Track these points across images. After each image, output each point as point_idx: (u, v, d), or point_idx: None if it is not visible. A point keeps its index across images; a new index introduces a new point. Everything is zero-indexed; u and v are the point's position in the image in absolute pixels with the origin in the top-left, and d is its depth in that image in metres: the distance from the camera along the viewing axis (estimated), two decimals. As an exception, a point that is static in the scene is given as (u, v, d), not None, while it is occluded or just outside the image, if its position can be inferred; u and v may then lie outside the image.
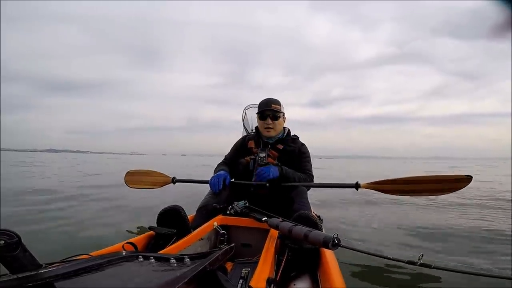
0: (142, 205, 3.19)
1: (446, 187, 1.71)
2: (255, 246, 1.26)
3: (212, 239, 1.24)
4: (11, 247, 0.46)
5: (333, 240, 0.77)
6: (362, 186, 1.80)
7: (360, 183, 1.82)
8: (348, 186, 1.85)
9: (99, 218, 2.66)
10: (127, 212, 2.94)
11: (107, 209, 3.05)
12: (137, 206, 3.18)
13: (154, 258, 0.59)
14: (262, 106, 1.70)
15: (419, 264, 0.78)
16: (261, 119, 1.70)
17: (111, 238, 1.97)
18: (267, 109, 1.67)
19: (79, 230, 2.21)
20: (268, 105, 1.68)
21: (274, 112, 1.67)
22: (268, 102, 1.69)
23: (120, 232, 2.18)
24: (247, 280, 0.89)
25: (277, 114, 1.68)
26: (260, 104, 1.74)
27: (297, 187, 1.54)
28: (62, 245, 1.85)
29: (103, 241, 1.63)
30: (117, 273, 0.52)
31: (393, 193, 1.78)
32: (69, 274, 0.48)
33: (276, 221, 1.06)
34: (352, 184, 1.81)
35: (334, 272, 0.78)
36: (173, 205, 1.21)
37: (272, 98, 1.72)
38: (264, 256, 0.87)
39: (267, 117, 1.67)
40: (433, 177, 1.71)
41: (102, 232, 2.19)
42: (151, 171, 2.17)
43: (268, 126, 1.67)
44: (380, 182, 1.80)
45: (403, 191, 1.74)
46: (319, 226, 1.07)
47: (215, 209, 1.39)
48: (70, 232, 2.15)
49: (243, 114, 2.47)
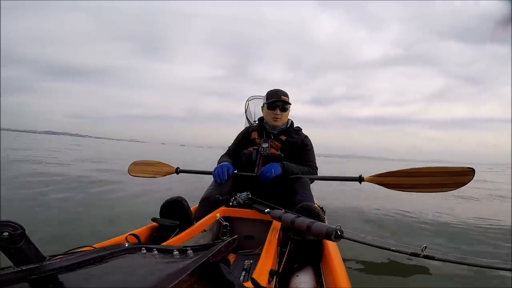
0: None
1: (450, 182, 1.60)
2: (258, 238, 1.27)
3: (215, 231, 1.25)
4: (15, 239, 0.46)
5: (336, 231, 0.76)
6: (366, 180, 1.78)
7: (364, 176, 1.79)
8: (351, 179, 1.85)
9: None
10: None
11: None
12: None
13: (157, 250, 0.59)
14: (272, 96, 1.70)
15: (423, 256, 0.77)
16: (270, 109, 1.69)
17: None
18: (278, 100, 1.67)
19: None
20: (278, 95, 1.68)
21: (284, 103, 1.68)
22: (278, 93, 1.69)
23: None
24: (249, 272, 0.90)
25: (286, 105, 1.69)
26: (269, 94, 1.73)
27: (300, 178, 1.54)
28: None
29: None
30: (120, 265, 0.52)
31: (397, 188, 1.70)
32: (72, 266, 0.48)
33: (278, 212, 1.06)
34: (356, 177, 1.81)
35: (337, 264, 0.78)
36: (176, 196, 1.20)
37: (281, 90, 1.72)
38: (266, 248, 0.87)
39: (276, 108, 1.67)
40: (436, 169, 1.63)
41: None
42: (155, 161, 2.18)
43: (276, 116, 1.68)
44: (383, 174, 1.75)
45: (406, 185, 1.67)
46: (321, 218, 1.07)
47: (218, 200, 1.40)
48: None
49: (245, 106, 2.45)
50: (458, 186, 1.57)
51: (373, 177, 1.78)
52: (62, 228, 1.99)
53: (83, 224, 2.16)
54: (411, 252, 0.80)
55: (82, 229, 2.01)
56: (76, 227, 2.05)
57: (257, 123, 1.86)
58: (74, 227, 2.04)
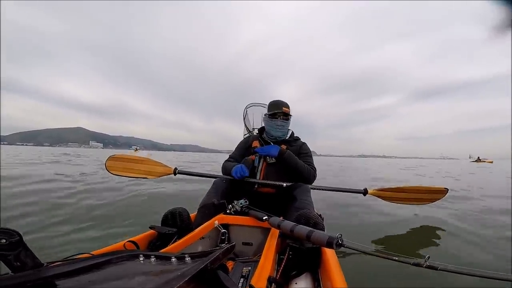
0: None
1: (428, 197, 2.27)
2: (256, 244, 1.27)
3: (213, 238, 1.24)
4: (12, 246, 0.46)
5: (337, 240, 0.76)
6: (370, 193, 2.05)
7: (368, 189, 2.13)
8: (356, 192, 2.09)
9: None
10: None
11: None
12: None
13: (155, 257, 0.59)
14: (274, 108, 1.76)
15: (425, 266, 0.77)
16: (272, 120, 1.75)
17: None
18: (279, 111, 1.74)
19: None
20: (279, 107, 1.74)
21: (285, 114, 1.75)
22: (279, 104, 1.75)
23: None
24: (248, 279, 0.89)
25: (287, 116, 1.76)
26: (270, 105, 1.79)
27: (300, 186, 1.55)
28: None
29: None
30: (118, 272, 0.52)
31: (393, 201, 2.21)
32: (70, 273, 0.48)
33: (277, 220, 1.06)
34: (361, 190, 2.14)
35: (335, 272, 0.78)
36: (177, 207, 1.23)
37: (282, 101, 1.78)
38: (265, 255, 0.87)
39: (278, 117, 1.74)
40: (419, 188, 2.23)
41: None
42: (144, 158, 2.11)
43: (278, 127, 1.75)
44: (383, 189, 2.21)
45: (399, 199, 2.20)
46: (320, 226, 1.07)
47: (214, 205, 1.40)
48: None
49: (244, 113, 2.47)
50: (433, 201, 2.27)
51: (376, 190, 2.10)
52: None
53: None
54: (413, 262, 0.80)
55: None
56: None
57: (257, 133, 1.91)
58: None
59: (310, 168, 1.69)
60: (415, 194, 2.22)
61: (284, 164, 1.64)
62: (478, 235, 2.24)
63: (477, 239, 2.12)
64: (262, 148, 1.71)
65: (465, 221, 2.69)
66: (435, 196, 2.27)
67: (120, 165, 2.06)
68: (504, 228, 2.47)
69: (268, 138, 1.81)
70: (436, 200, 2.28)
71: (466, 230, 2.39)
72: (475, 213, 3.11)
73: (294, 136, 1.88)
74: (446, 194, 2.27)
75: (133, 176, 2.05)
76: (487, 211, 3.23)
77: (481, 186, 6.03)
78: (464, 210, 3.25)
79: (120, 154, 2.14)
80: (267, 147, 1.69)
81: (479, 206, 3.54)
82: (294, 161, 1.64)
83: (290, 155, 1.65)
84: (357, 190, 2.11)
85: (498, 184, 6.71)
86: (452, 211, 3.21)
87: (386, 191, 2.20)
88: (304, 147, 1.82)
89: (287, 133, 1.84)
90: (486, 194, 4.69)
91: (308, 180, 1.66)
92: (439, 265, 0.78)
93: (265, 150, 1.68)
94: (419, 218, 2.80)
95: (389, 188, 2.22)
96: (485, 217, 2.89)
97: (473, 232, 2.31)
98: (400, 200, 2.22)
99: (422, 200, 2.26)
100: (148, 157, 2.14)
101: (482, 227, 2.51)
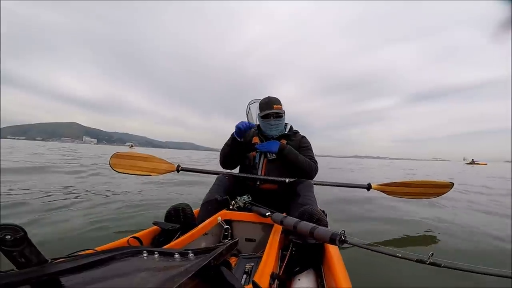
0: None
1: (433, 192, 2.22)
2: (259, 241, 1.27)
3: (216, 234, 1.25)
4: (17, 242, 0.46)
5: (340, 237, 0.76)
6: (374, 188, 2.04)
7: (372, 184, 2.12)
8: (360, 187, 2.09)
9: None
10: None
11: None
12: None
13: (158, 253, 0.59)
14: (264, 108, 1.71)
15: (429, 263, 0.76)
16: (264, 119, 1.72)
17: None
18: (270, 111, 1.68)
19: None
20: (270, 106, 1.69)
21: (277, 113, 1.69)
22: (269, 103, 1.70)
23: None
24: (251, 275, 0.89)
25: (279, 114, 1.71)
26: (261, 105, 1.74)
27: (302, 181, 1.54)
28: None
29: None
30: (122, 268, 0.53)
31: (398, 195, 2.17)
32: (74, 269, 0.48)
33: (280, 216, 1.06)
34: (364, 185, 2.06)
35: (338, 268, 0.78)
36: (181, 203, 1.23)
37: (272, 98, 1.72)
38: (268, 251, 0.87)
39: (270, 117, 1.70)
40: (425, 182, 2.19)
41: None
42: (147, 155, 2.12)
43: (271, 126, 1.71)
44: (388, 184, 2.17)
45: (404, 193, 2.17)
46: (324, 222, 1.06)
47: (217, 201, 1.40)
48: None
49: (247, 109, 2.46)
50: (439, 195, 2.22)
51: (379, 185, 2.08)
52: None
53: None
54: (417, 259, 0.79)
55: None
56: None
57: (256, 129, 1.86)
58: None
59: (311, 162, 1.67)
60: (420, 188, 2.18)
61: (285, 160, 1.63)
62: (481, 233, 2.23)
63: (481, 238, 2.11)
64: (262, 144, 1.69)
65: (465, 219, 2.67)
66: (441, 191, 2.22)
67: (124, 162, 2.07)
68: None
69: (267, 135, 1.79)
70: (441, 194, 2.23)
71: (469, 227, 2.37)
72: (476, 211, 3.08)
73: (294, 129, 1.86)
74: (451, 188, 2.22)
75: (137, 173, 2.06)
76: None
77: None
78: (464, 209, 3.23)
79: (122, 152, 2.14)
80: (267, 143, 1.67)
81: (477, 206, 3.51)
82: (294, 156, 1.62)
83: (291, 150, 1.63)
84: (361, 185, 2.11)
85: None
86: (450, 209, 3.20)
87: (390, 185, 2.17)
88: (304, 140, 1.80)
89: (286, 127, 1.81)
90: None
91: (309, 174, 1.65)
92: (442, 261, 0.77)
93: (265, 146, 1.66)
94: (423, 215, 2.79)
95: (394, 182, 2.18)
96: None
97: (476, 230, 2.29)
98: (405, 195, 2.17)
99: (427, 195, 2.20)
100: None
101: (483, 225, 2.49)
